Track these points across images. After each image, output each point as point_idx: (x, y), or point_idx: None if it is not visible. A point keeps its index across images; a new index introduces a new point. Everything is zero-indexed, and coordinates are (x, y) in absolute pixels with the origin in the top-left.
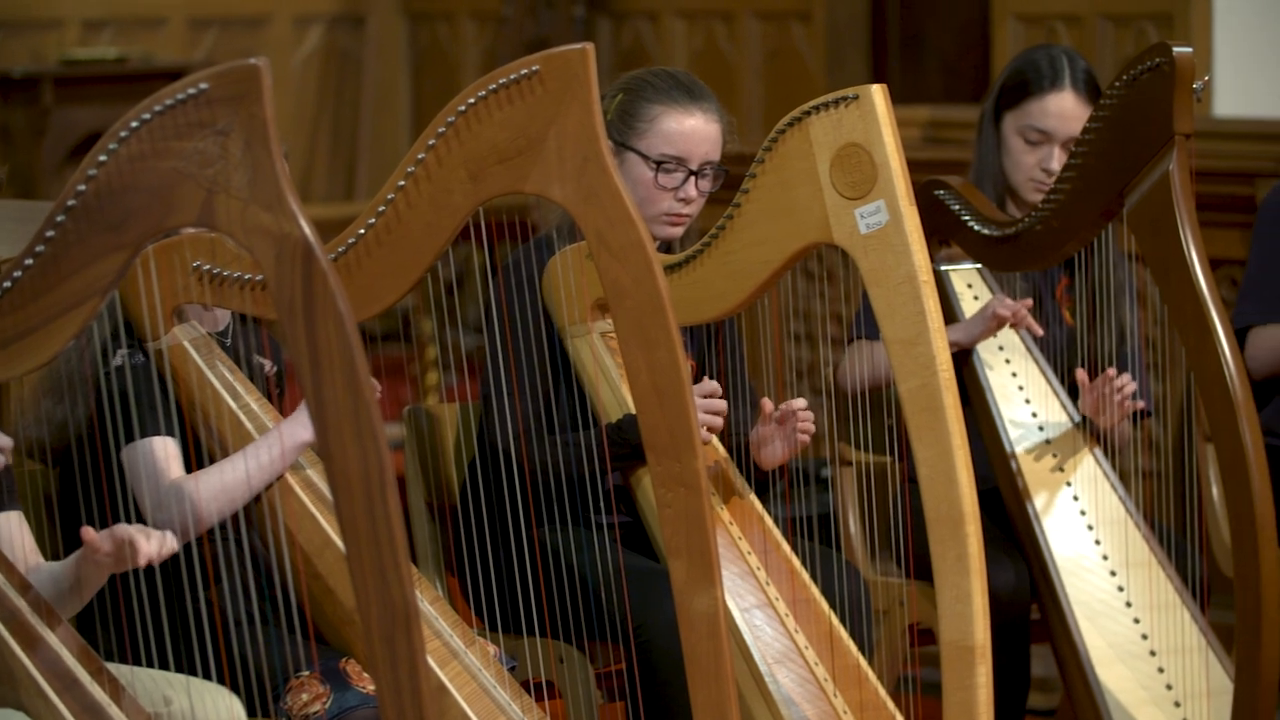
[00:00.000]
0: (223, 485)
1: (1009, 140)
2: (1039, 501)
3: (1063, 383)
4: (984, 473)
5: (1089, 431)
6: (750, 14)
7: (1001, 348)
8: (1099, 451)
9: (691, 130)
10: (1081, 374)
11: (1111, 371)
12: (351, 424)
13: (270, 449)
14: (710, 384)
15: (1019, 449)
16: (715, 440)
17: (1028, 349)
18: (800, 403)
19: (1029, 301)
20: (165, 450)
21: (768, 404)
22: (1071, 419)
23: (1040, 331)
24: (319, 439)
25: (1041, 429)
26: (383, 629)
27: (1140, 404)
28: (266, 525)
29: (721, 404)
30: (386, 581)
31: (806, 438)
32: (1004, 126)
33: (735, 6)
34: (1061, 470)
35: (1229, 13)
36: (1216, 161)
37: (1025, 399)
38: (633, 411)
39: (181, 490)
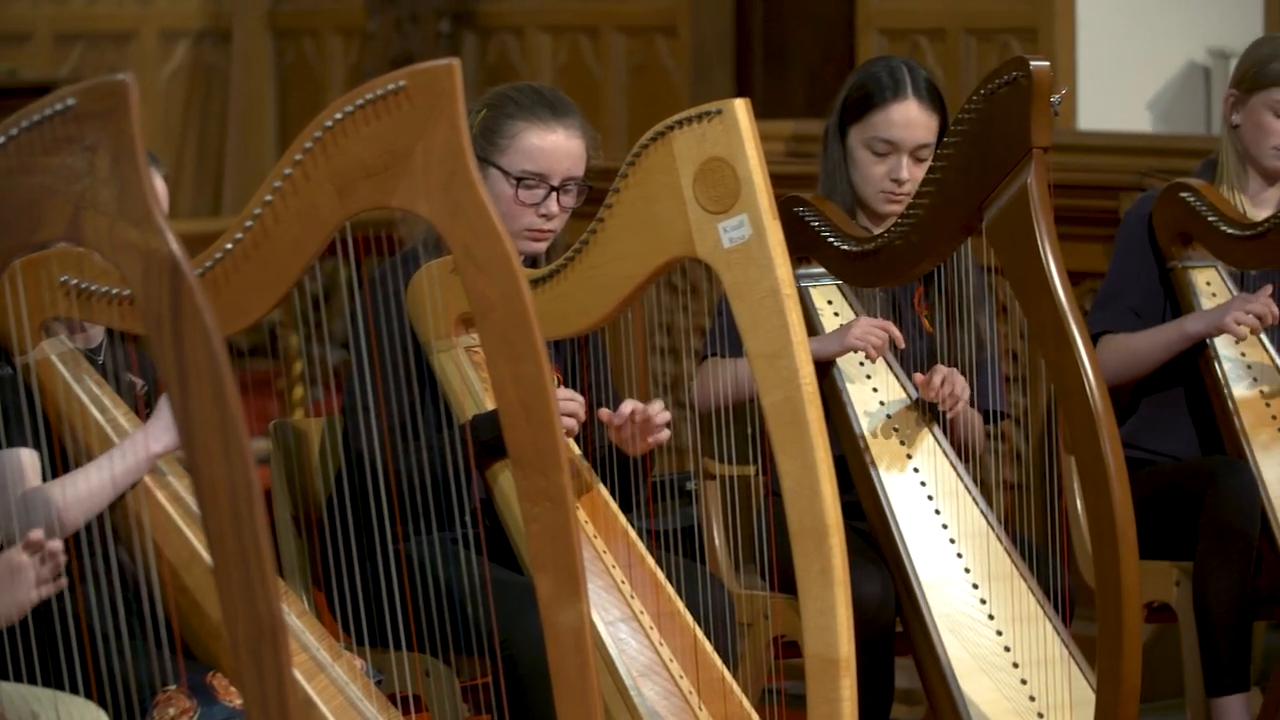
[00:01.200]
0: (88, 490)
1: (856, 154)
2: (901, 514)
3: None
4: (846, 485)
5: (949, 439)
6: (615, 29)
7: (862, 362)
8: (960, 464)
9: (553, 146)
10: (920, 377)
11: (942, 369)
12: (218, 438)
13: (135, 453)
14: (563, 390)
15: (880, 462)
16: (580, 454)
17: (888, 362)
18: (657, 405)
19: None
20: (27, 462)
21: (605, 413)
22: (932, 432)
23: (903, 345)
24: (186, 453)
25: (902, 442)
26: (249, 642)
27: (960, 403)
28: (133, 539)
29: (572, 405)
30: (253, 595)
31: (663, 438)
32: (850, 140)
33: (600, 21)
34: (923, 483)
35: (1093, 27)
36: (1080, 175)
37: (886, 413)
38: None
39: (45, 496)
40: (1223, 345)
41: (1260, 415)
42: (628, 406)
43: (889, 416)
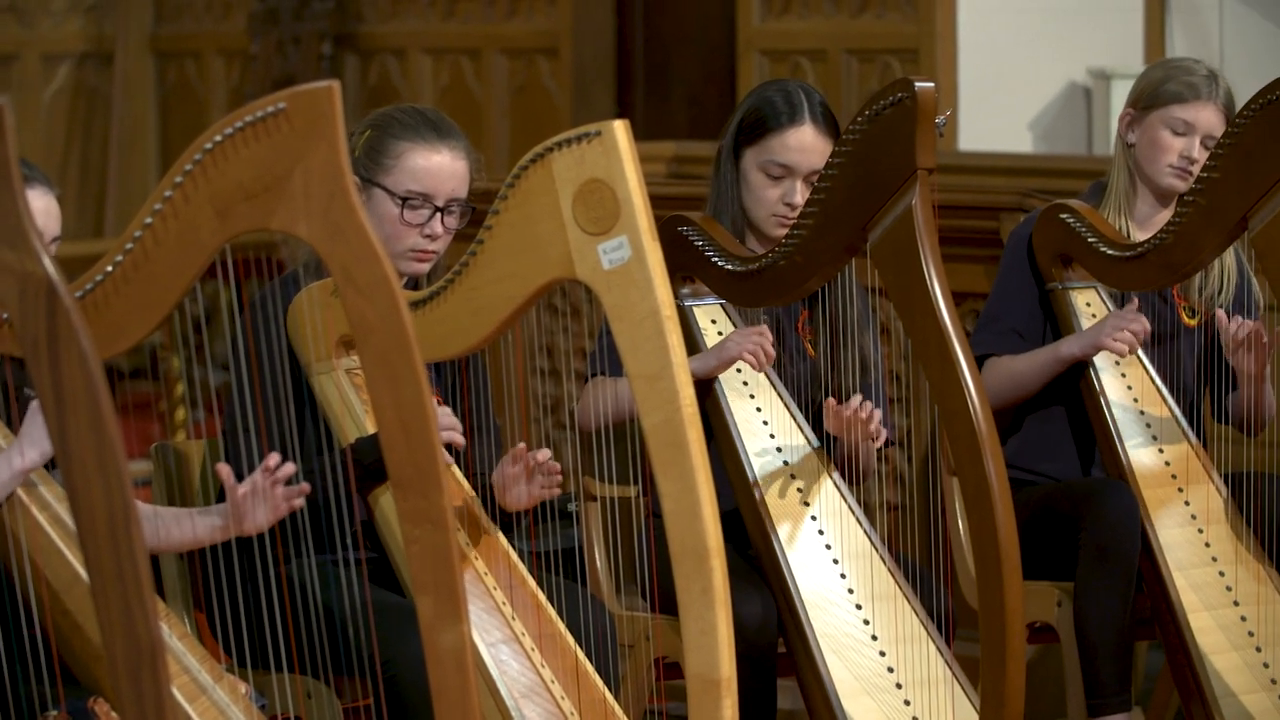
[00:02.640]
0: None
1: (750, 176)
2: (784, 534)
3: (806, 415)
4: (729, 505)
5: (834, 463)
6: (496, 50)
7: (746, 381)
8: (844, 485)
9: (438, 167)
10: (831, 401)
11: (858, 399)
12: (95, 460)
13: (7, 468)
14: (440, 410)
15: (763, 482)
16: (461, 475)
17: (771, 382)
18: (546, 453)
19: (768, 340)
20: None
21: (522, 448)
22: (815, 452)
23: (772, 357)
24: (63, 475)
25: (786, 462)
26: (128, 665)
27: (883, 435)
28: (11, 561)
29: (452, 433)
30: (131, 617)
31: (555, 491)
32: (744, 163)
33: (482, 43)
34: (807, 504)
35: (973, 48)
36: (961, 195)
37: (770, 432)
38: None
39: None
40: (1103, 366)
41: (1141, 436)
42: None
43: (772, 436)
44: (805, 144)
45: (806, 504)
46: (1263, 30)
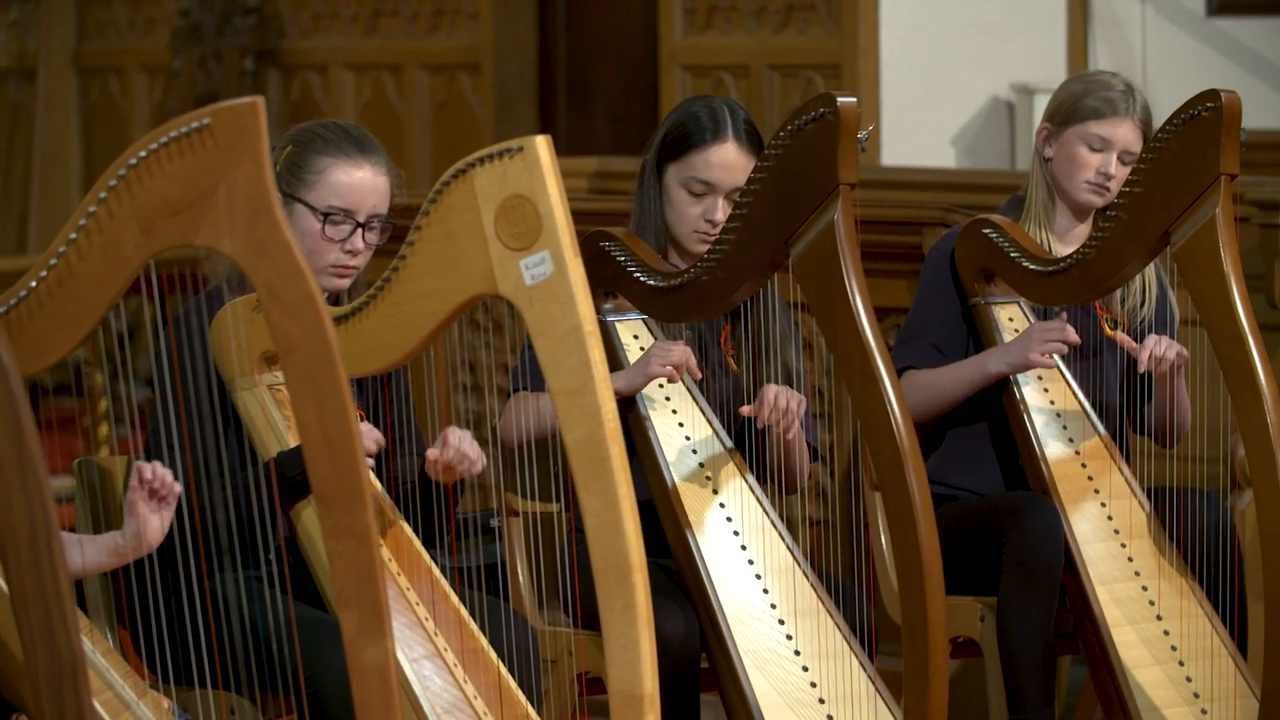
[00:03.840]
0: None
1: (672, 192)
2: (707, 550)
3: (729, 430)
4: (652, 520)
5: (759, 477)
6: (419, 66)
7: (668, 397)
8: (767, 500)
9: (360, 182)
10: (747, 408)
11: (772, 389)
12: (16, 475)
13: None
14: (362, 425)
15: (686, 497)
16: (383, 491)
17: (694, 397)
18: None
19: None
20: None
21: (433, 453)
22: (738, 468)
23: (699, 375)
24: None
25: (709, 478)
26: (50, 680)
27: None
28: None
29: (371, 445)
30: (53, 632)
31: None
32: (666, 178)
33: (404, 59)
34: (730, 519)
35: (896, 63)
36: (884, 210)
37: (692, 448)
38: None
39: None
40: (1025, 379)
41: (1064, 450)
42: (453, 437)
43: (695, 451)
44: (728, 161)
45: (729, 519)
46: (1185, 44)
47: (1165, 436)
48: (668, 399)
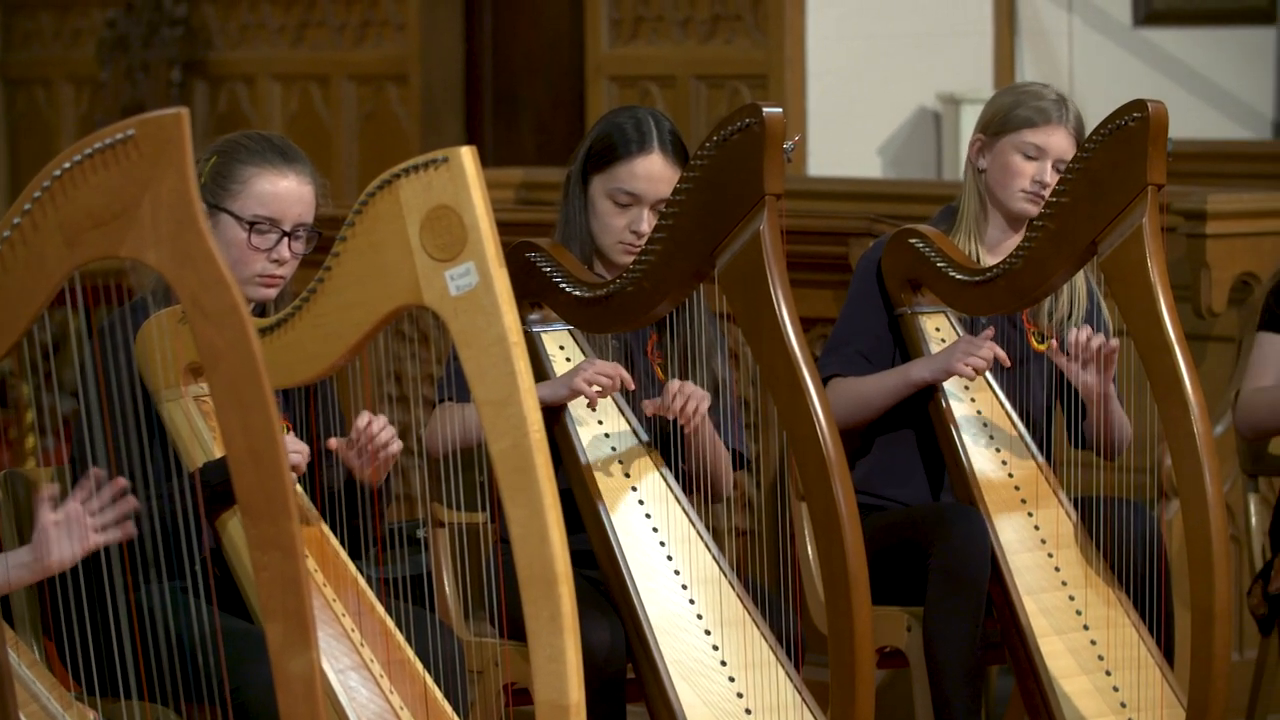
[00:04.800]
0: None
1: (597, 203)
2: (633, 560)
3: (654, 440)
4: (578, 531)
5: (684, 488)
6: (345, 77)
7: (593, 408)
8: (693, 510)
9: (285, 191)
10: (652, 402)
11: (675, 384)
12: None
13: None
14: (288, 439)
15: (611, 508)
16: (309, 502)
17: (620, 408)
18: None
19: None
20: None
21: (333, 442)
22: (664, 478)
23: (632, 386)
24: None
25: (635, 489)
26: None
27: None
28: None
29: (297, 457)
30: None
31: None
32: (592, 189)
33: (331, 70)
34: (655, 530)
35: (823, 74)
36: (810, 221)
37: (618, 458)
38: None
39: None
40: (952, 390)
41: (990, 460)
42: (362, 420)
43: (621, 462)
44: (653, 173)
45: (655, 529)
46: (1112, 55)
47: (1107, 449)
48: (593, 409)
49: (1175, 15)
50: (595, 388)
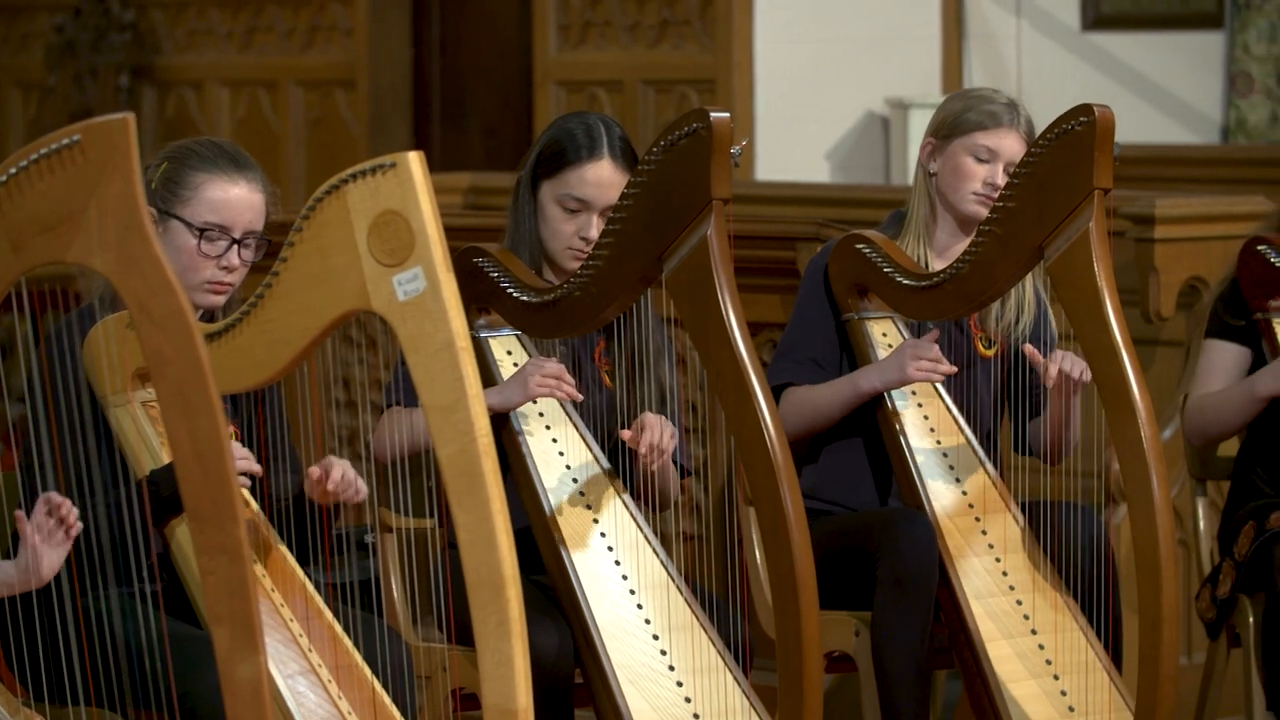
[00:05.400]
0: None
1: (547, 208)
2: (581, 565)
3: (602, 446)
4: (525, 536)
5: (632, 493)
6: (293, 82)
7: (542, 413)
8: (641, 515)
9: (235, 199)
10: (626, 433)
11: (649, 416)
12: None
13: None
14: (234, 447)
15: (559, 513)
16: (258, 507)
17: (567, 413)
18: (339, 467)
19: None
20: None
21: (314, 471)
22: (612, 483)
23: (579, 398)
24: None
25: (582, 494)
26: None
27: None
28: None
29: (244, 464)
30: None
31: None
32: (541, 194)
33: (279, 75)
34: (603, 535)
35: (770, 78)
36: (758, 226)
37: (566, 463)
38: None
39: None
40: (900, 396)
41: (938, 465)
42: (337, 471)
43: (569, 467)
44: (603, 179)
45: (603, 535)
46: (1060, 59)
47: (1054, 453)
48: (541, 414)
49: (1123, 20)
50: (552, 388)
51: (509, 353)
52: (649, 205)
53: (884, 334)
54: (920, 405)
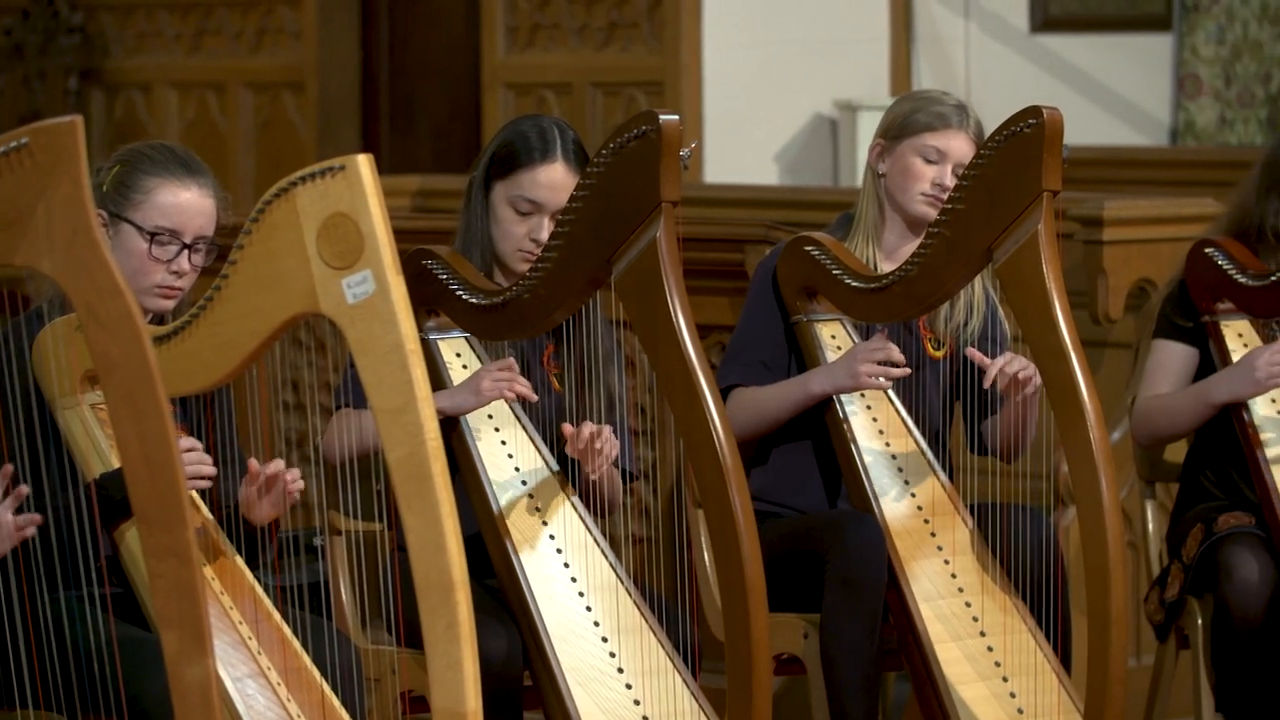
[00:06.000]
0: None
1: (498, 210)
2: (530, 568)
3: (551, 449)
4: (475, 539)
5: (580, 496)
6: (242, 85)
7: (491, 416)
8: (590, 517)
9: (187, 203)
10: (568, 427)
11: (589, 427)
12: None
13: None
14: (186, 439)
15: (508, 516)
16: (206, 510)
17: (516, 416)
18: (278, 464)
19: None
20: None
21: (254, 464)
22: (561, 486)
23: (534, 397)
24: None
25: (531, 496)
26: None
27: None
28: None
29: (200, 466)
30: None
31: (295, 496)
32: (493, 196)
33: (227, 78)
34: (552, 537)
35: (719, 81)
36: (706, 228)
37: (515, 466)
38: None
39: None
40: (848, 398)
41: (886, 467)
42: (271, 467)
43: (518, 469)
44: (555, 181)
45: (552, 537)
46: (1008, 61)
47: (1008, 453)
48: (490, 417)
49: (1072, 22)
50: (504, 390)
51: (458, 355)
52: (598, 208)
53: (833, 336)
54: (869, 408)
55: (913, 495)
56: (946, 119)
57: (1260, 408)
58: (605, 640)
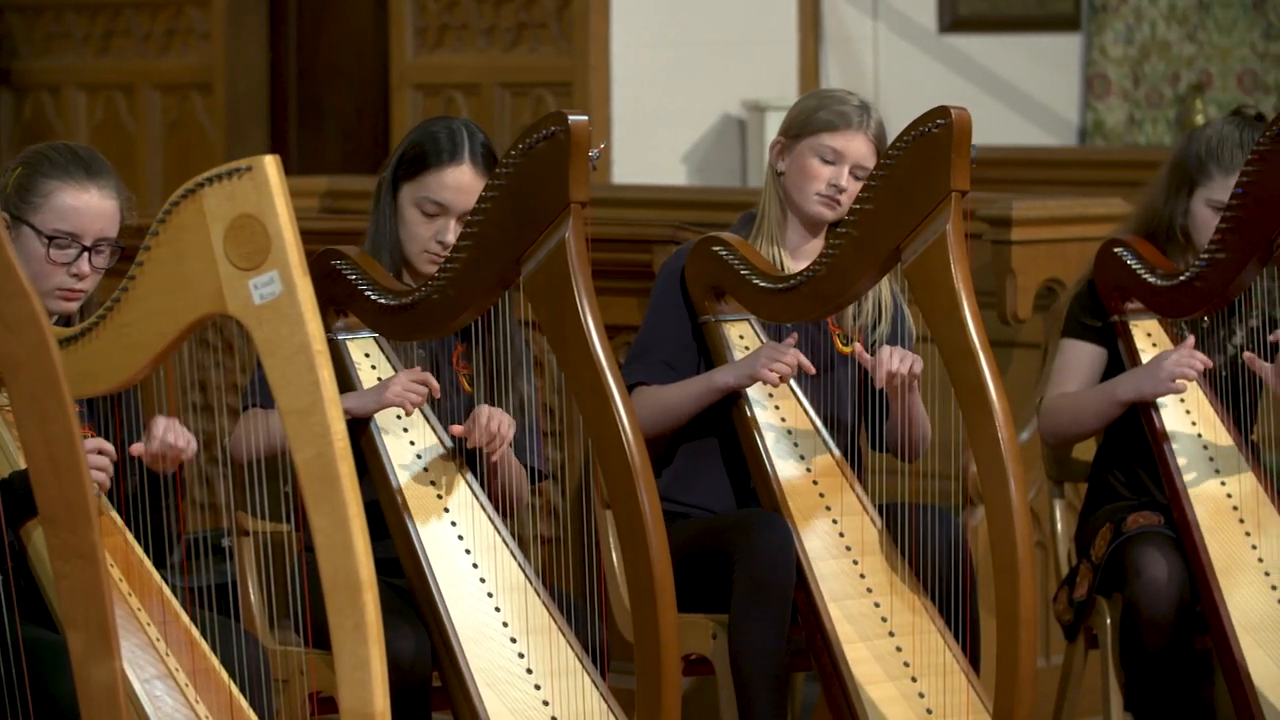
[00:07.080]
0: None
1: (406, 211)
2: (438, 569)
3: (459, 451)
4: (383, 538)
5: (489, 496)
6: (151, 86)
7: (399, 416)
8: (498, 518)
9: (86, 206)
10: (457, 428)
11: (485, 409)
12: None
13: None
14: (94, 440)
15: (417, 516)
16: (114, 512)
17: (425, 417)
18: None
19: (432, 383)
20: None
21: (137, 448)
22: (469, 487)
23: (437, 393)
24: None
25: (439, 497)
26: None
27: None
28: None
29: (103, 460)
30: None
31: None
32: (401, 197)
33: (136, 79)
34: (460, 538)
35: (627, 81)
36: (615, 229)
37: (424, 466)
38: None
39: None
40: (755, 396)
41: (795, 467)
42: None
43: (426, 470)
44: (463, 184)
45: (461, 538)
46: (917, 61)
47: (904, 451)
48: (399, 417)
49: (980, 22)
50: (409, 399)
51: (367, 355)
52: (507, 208)
53: (741, 336)
54: (777, 406)
55: (821, 495)
56: (847, 119)
57: (1170, 408)
58: (514, 641)
